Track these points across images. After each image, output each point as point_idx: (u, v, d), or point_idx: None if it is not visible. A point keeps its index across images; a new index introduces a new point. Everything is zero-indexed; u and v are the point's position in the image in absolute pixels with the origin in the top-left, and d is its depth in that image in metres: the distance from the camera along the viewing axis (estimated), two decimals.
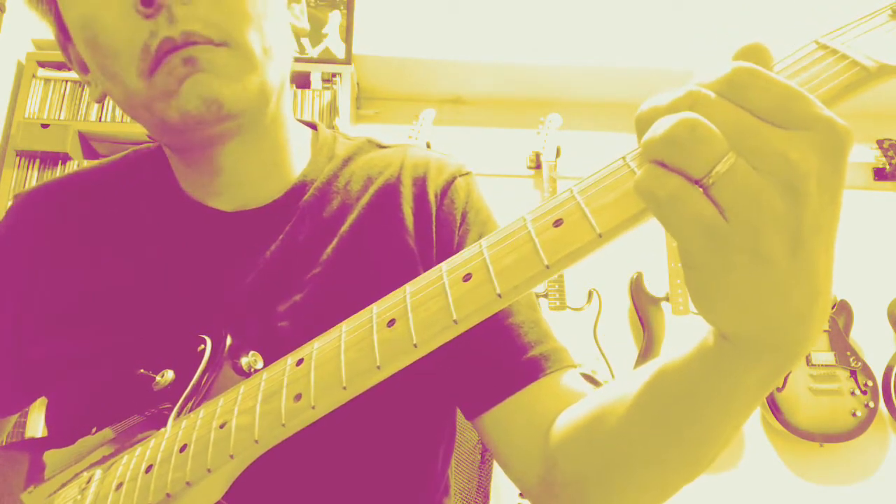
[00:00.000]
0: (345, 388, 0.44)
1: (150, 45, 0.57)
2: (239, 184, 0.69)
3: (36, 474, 0.63)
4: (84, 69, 0.68)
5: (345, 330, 0.47)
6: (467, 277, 0.41)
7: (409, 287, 0.45)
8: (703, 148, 0.31)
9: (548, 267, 0.37)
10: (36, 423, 1.88)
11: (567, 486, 0.58)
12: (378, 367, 0.43)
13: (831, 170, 0.32)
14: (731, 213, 0.32)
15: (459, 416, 0.76)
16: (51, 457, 0.64)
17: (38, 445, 0.66)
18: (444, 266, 0.43)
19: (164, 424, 0.57)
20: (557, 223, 0.38)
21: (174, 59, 0.57)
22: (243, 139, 0.66)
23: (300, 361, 0.48)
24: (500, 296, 0.39)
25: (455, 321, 0.40)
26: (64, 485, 0.60)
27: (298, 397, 0.47)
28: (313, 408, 0.46)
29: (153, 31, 0.57)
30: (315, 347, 0.48)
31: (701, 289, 0.36)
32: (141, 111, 0.62)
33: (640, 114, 0.34)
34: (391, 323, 0.44)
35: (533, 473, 0.62)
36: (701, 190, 0.32)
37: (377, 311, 0.46)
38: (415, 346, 0.42)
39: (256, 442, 0.48)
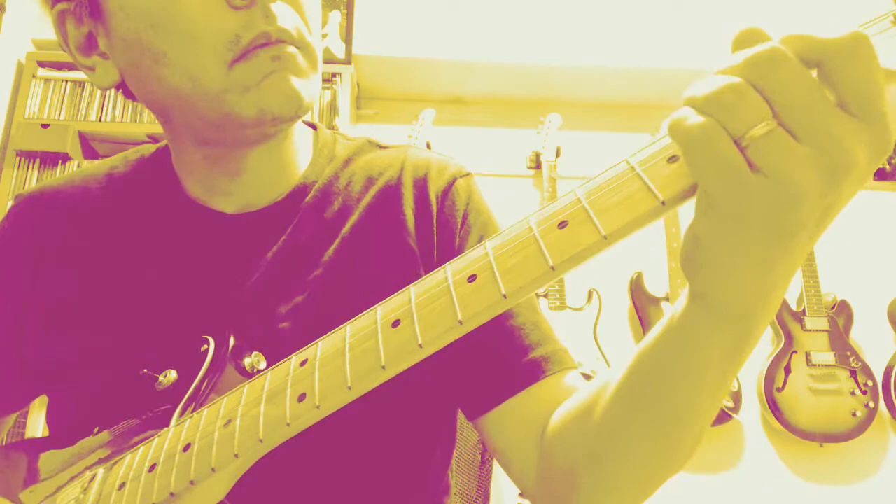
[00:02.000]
0: (350, 388, 0.45)
1: (241, 37, 0.57)
2: (253, 184, 0.69)
3: (34, 474, 0.64)
4: (88, 49, 0.65)
5: (349, 330, 0.47)
6: (472, 278, 0.41)
7: (413, 288, 0.45)
8: (741, 108, 0.32)
9: (553, 268, 0.37)
10: (36, 423, 1.88)
11: (560, 480, 0.59)
12: (383, 368, 0.43)
13: (869, 168, 0.34)
14: (764, 174, 0.33)
15: (460, 416, 0.76)
16: (47, 457, 0.64)
17: (38, 446, 0.66)
18: (449, 267, 0.43)
19: (162, 423, 0.58)
20: (562, 225, 0.38)
21: (263, 54, 0.58)
22: (272, 141, 0.67)
23: (304, 362, 0.49)
24: (505, 296, 0.39)
25: (460, 322, 0.40)
26: (62, 486, 0.60)
27: (303, 397, 0.47)
28: (318, 408, 0.46)
29: (247, 24, 0.57)
30: (319, 348, 0.48)
31: (707, 237, 0.36)
32: (200, 102, 0.60)
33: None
34: (396, 324, 0.44)
35: (532, 473, 0.63)
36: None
37: (382, 311, 0.46)
38: (420, 346, 0.42)
39: (261, 441, 0.48)
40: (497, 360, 0.66)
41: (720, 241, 0.36)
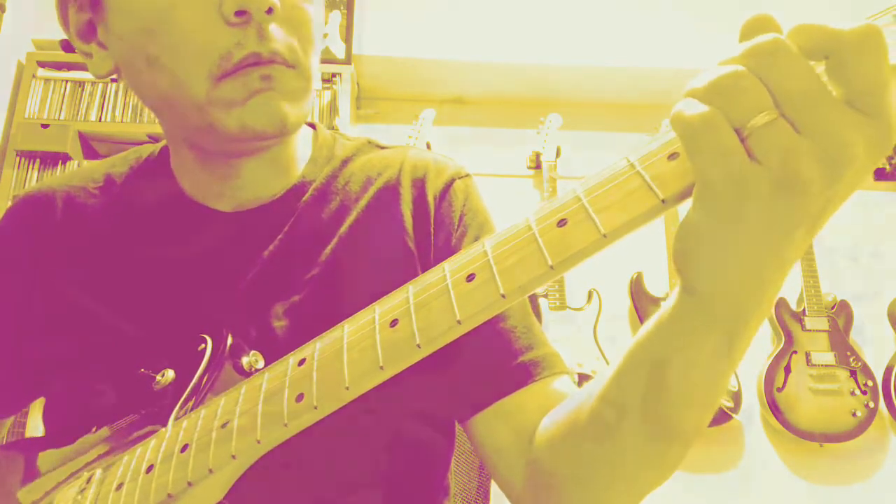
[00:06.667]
0: (348, 388, 0.44)
1: (232, 54, 0.57)
2: (247, 187, 0.69)
3: (32, 474, 0.63)
4: (87, 36, 0.65)
5: (347, 330, 0.47)
6: (470, 277, 0.41)
7: (411, 287, 0.44)
8: (743, 98, 0.32)
9: (552, 267, 0.37)
10: (36, 423, 1.88)
11: (548, 487, 0.58)
12: (381, 368, 0.43)
13: (868, 164, 0.33)
14: (764, 165, 0.33)
15: None
16: (45, 456, 0.64)
17: (36, 445, 0.66)
18: (447, 266, 0.43)
19: (160, 421, 0.57)
20: (561, 223, 0.38)
21: (253, 73, 0.57)
22: (269, 151, 0.67)
23: (302, 361, 0.48)
24: (503, 296, 0.39)
25: (458, 321, 0.40)
26: (60, 483, 0.60)
27: (300, 398, 0.46)
28: (315, 408, 0.46)
29: (240, 42, 0.57)
30: (317, 347, 0.48)
31: (702, 228, 0.36)
32: (187, 109, 0.60)
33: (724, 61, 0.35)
34: (394, 323, 0.43)
35: (519, 479, 0.62)
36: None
37: (380, 311, 0.45)
38: (418, 346, 0.42)
39: (258, 442, 0.48)
40: (487, 362, 0.65)
41: (715, 233, 0.35)
